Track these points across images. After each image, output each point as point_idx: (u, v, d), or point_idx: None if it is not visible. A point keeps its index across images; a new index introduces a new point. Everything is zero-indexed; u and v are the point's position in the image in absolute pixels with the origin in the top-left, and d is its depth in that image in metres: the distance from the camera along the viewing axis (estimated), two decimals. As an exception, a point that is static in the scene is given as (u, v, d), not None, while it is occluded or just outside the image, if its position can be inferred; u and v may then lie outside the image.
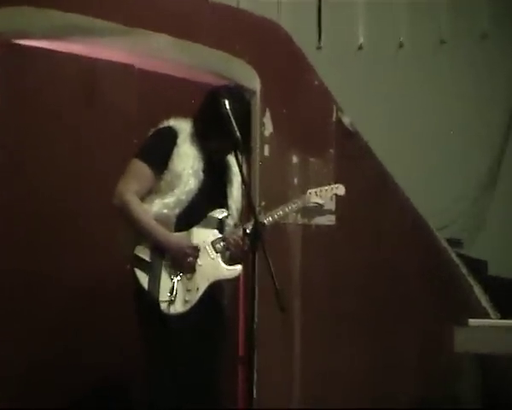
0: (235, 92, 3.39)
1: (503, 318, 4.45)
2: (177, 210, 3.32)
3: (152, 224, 3.29)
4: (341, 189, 3.68)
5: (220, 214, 3.41)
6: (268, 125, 4.41)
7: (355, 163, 4.56)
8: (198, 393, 3.31)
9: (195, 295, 3.29)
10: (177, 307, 3.24)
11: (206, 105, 3.40)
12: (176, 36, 4.10)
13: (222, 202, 3.44)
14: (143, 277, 3.27)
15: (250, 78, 4.32)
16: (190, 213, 3.33)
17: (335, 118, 4.60)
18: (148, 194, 3.35)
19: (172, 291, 3.24)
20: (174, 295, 3.23)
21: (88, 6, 3.89)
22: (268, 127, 4.41)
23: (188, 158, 3.35)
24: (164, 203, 3.31)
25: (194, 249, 3.31)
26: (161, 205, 3.31)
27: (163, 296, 3.24)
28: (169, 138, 3.36)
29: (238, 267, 3.40)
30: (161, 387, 3.25)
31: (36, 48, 3.90)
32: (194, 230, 3.35)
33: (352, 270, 4.50)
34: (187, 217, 3.33)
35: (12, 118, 3.84)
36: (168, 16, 4.14)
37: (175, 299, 3.24)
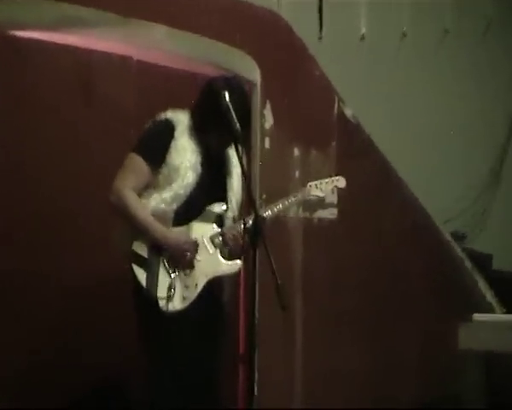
0: (234, 83, 3.33)
1: (509, 313, 4.43)
2: (175, 205, 3.28)
3: (149, 220, 3.25)
4: (342, 181, 3.61)
5: (219, 208, 3.37)
6: (268, 117, 4.38)
7: (357, 156, 4.54)
8: (198, 391, 3.28)
9: (194, 291, 3.25)
10: (176, 305, 3.21)
11: (204, 97, 3.34)
12: (174, 27, 4.05)
13: (221, 196, 3.40)
14: (141, 273, 3.24)
15: (250, 69, 4.29)
16: (189, 207, 3.29)
17: (337, 110, 4.60)
18: (146, 188, 3.31)
19: (170, 288, 3.21)
20: (172, 292, 3.20)
21: (84, -4, 3.85)
22: (268, 119, 4.38)
23: (185, 151, 3.30)
24: (162, 198, 3.27)
25: (192, 245, 3.27)
26: (159, 200, 3.27)
27: (161, 293, 3.21)
28: (166, 131, 3.31)
29: (237, 262, 3.36)
30: (161, 385, 3.22)
31: (31, 39, 3.84)
32: (192, 224, 3.32)
33: (354, 265, 4.49)
34: (185, 211, 3.29)
35: (7, 112, 3.79)
36: (166, 6, 4.09)
37: (173, 296, 3.21)
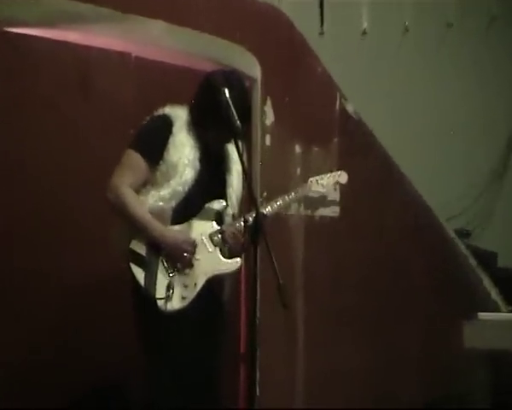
0: (233, 79, 3.29)
1: (515, 311, 4.40)
2: (174, 202, 3.24)
3: (147, 218, 3.21)
4: (344, 176, 3.55)
5: (218, 205, 3.33)
6: (269, 114, 4.35)
7: (359, 152, 4.50)
8: (198, 390, 3.24)
9: (193, 290, 3.21)
10: (174, 304, 3.17)
11: (203, 92, 3.30)
12: (173, 22, 4.02)
13: (220, 192, 3.36)
14: (139, 273, 3.20)
15: (250, 65, 4.25)
16: (187, 204, 3.25)
17: (339, 106, 4.56)
18: (144, 185, 3.28)
19: (169, 288, 3.17)
20: (171, 291, 3.17)
21: (82, -8, 3.83)
22: (269, 116, 4.35)
23: (184, 147, 3.26)
24: (159, 195, 3.23)
25: (190, 245, 3.23)
26: (157, 197, 3.24)
27: (160, 293, 3.17)
28: (164, 127, 3.27)
29: (237, 261, 3.32)
30: (161, 385, 3.19)
31: (29, 36, 3.81)
32: (191, 222, 3.28)
33: (356, 263, 4.47)
34: (184, 209, 3.25)
35: (5, 110, 3.76)
36: (165, 2, 4.07)
37: (172, 296, 3.17)
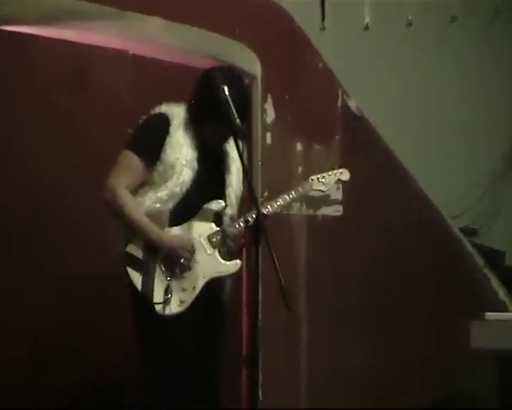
0: (233, 75, 3.25)
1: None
2: (171, 204, 3.20)
3: (144, 220, 3.17)
4: (346, 173, 3.50)
5: (217, 206, 3.28)
6: (270, 111, 4.32)
7: (362, 150, 4.47)
8: (198, 392, 3.21)
9: (191, 294, 3.17)
10: (173, 309, 3.14)
11: (201, 89, 3.25)
12: (171, 19, 4.00)
13: (219, 192, 3.31)
14: (137, 277, 3.17)
15: (250, 62, 4.23)
16: (185, 205, 3.21)
17: (341, 102, 4.53)
18: (142, 186, 3.24)
19: (167, 292, 3.13)
20: (169, 296, 3.13)
21: (79, -11, 3.82)
22: (270, 114, 4.32)
23: (181, 147, 3.22)
24: (157, 197, 3.19)
25: (188, 251, 3.19)
26: (154, 199, 3.20)
27: (157, 298, 3.13)
28: (161, 126, 3.23)
29: (237, 262, 3.28)
30: (160, 386, 3.17)
31: (26, 34, 3.80)
32: (189, 224, 3.23)
33: (358, 261, 4.44)
34: (182, 210, 3.21)
35: (3, 108, 3.77)
36: (164, -1, 4.08)
37: (170, 300, 3.13)
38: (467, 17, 5.59)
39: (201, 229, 3.23)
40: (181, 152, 3.19)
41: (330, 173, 3.46)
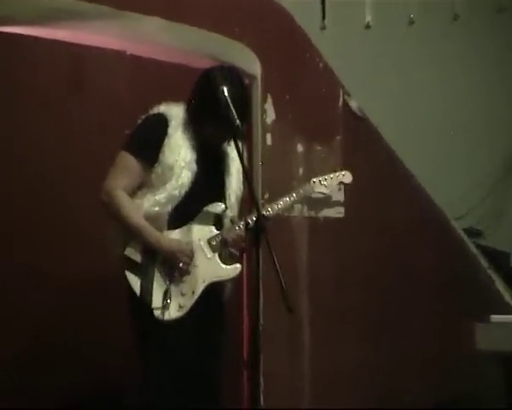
0: (232, 76, 3.22)
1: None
2: (170, 206, 3.16)
3: (142, 223, 3.14)
4: (348, 176, 3.47)
5: (217, 208, 3.25)
6: (270, 112, 4.29)
7: (364, 150, 4.46)
8: (198, 395, 3.19)
9: (191, 298, 3.15)
10: (172, 313, 3.12)
11: (200, 89, 3.22)
12: (170, 19, 3.97)
13: (219, 194, 3.28)
14: (135, 280, 3.14)
15: (250, 62, 4.20)
16: (185, 208, 3.18)
17: (342, 102, 4.51)
18: (140, 188, 3.21)
19: (166, 296, 3.11)
20: (168, 300, 3.11)
21: (75, -11, 3.81)
22: (270, 114, 4.30)
23: (180, 149, 3.18)
24: (155, 200, 3.16)
25: (186, 255, 3.16)
26: (153, 202, 3.16)
27: (156, 302, 3.11)
28: (159, 127, 3.20)
29: (237, 266, 3.25)
30: (160, 388, 3.15)
31: (22, 35, 3.78)
32: (189, 227, 3.21)
33: (361, 262, 4.42)
34: (181, 213, 3.18)
35: (1, 108, 3.78)
36: (162, -2, 4.07)
37: (169, 305, 3.11)
38: (469, 15, 5.59)
39: (201, 232, 3.20)
40: (180, 154, 3.16)
41: (332, 176, 3.43)
